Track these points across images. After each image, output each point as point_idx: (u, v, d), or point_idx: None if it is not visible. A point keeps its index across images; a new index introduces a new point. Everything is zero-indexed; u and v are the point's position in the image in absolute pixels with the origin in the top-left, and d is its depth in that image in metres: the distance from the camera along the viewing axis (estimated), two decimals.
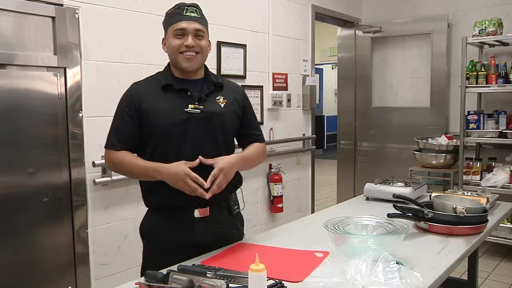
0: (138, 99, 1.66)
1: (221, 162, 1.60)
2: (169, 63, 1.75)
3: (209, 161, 1.61)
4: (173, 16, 1.67)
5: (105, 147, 1.71)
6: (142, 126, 1.66)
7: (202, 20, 1.69)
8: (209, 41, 1.75)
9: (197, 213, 1.67)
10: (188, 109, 1.64)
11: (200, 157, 1.60)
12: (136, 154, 1.70)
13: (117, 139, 1.68)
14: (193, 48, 1.64)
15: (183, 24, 1.63)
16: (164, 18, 1.72)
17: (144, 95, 1.67)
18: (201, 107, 1.66)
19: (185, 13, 1.64)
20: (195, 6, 1.69)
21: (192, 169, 1.56)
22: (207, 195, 1.56)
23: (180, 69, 1.69)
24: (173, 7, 1.69)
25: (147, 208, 1.78)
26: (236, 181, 1.79)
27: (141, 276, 1.62)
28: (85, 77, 2.44)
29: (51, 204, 2.28)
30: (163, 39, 1.73)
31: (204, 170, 1.58)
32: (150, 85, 1.71)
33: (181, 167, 1.55)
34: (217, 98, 1.73)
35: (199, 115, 1.65)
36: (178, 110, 1.64)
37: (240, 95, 1.83)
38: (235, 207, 1.80)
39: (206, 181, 1.56)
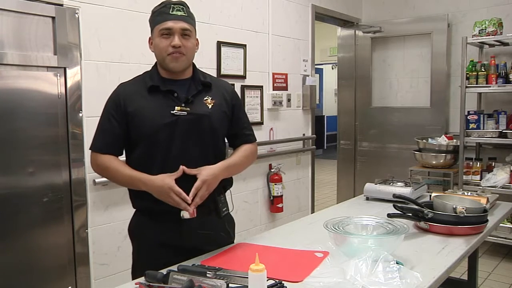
0: (124, 101, 1.63)
1: (205, 173, 1.57)
2: (156, 63, 1.72)
3: (192, 171, 1.58)
4: (159, 15, 1.62)
5: (90, 149, 1.69)
6: (128, 128, 1.64)
7: (189, 18, 1.64)
8: (197, 40, 1.71)
9: (184, 215, 1.61)
10: (174, 111, 1.61)
11: (182, 166, 1.57)
12: (121, 159, 1.68)
13: (103, 142, 1.66)
14: (179, 48, 1.60)
15: (170, 24, 1.59)
16: (150, 16, 1.67)
17: (130, 97, 1.64)
18: (188, 109, 1.63)
19: (171, 11, 1.60)
20: (182, 4, 1.64)
21: (178, 179, 1.54)
22: (190, 210, 1.54)
23: (167, 69, 1.66)
24: (159, 5, 1.64)
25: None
26: (226, 183, 1.75)
27: (132, 277, 1.61)
28: (85, 77, 2.44)
29: (51, 204, 2.27)
30: (149, 38, 1.69)
31: (189, 180, 1.56)
32: (136, 86, 1.68)
33: (166, 180, 1.53)
34: (205, 98, 1.69)
35: (186, 117, 1.62)
36: (165, 112, 1.61)
37: (229, 94, 1.78)
38: (223, 209, 1.75)
39: (189, 191, 1.54)
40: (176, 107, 1.62)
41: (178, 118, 1.62)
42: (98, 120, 1.69)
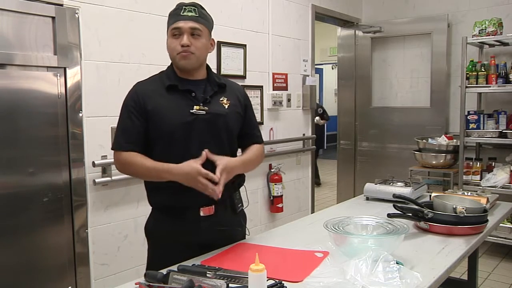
0: (144, 99, 1.66)
1: (224, 161, 1.61)
2: (172, 63, 1.76)
3: (213, 156, 1.61)
4: (172, 17, 1.68)
5: (112, 149, 1.70)
6: (148, 126, 1.66)
7: (200, 18, 1.67)
8: (213, 40, 1.75)
9: (202, 212, 1.67)
10: (194, 110, 1.65)
11: (206, 150, 1.61)
12: (143, 155, 1.69)
13: (124, 140, 1.67)
14: (188, 47, 1.63)
15: (180, 24, 1.64)
16: (167, 19, 1.72)
17: (149, 95, 1.67)
18: (206, 108, 1.67)
19: (183, 12, 1.65)
20: (194, 5, 1.68)
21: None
22: (217, 191, 1.55)
23: (178, 68, 1.70)
24: (174, 8, 1.70)
25: (151, 207, 1.78)
26: (240, 179, 1.80)
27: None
28: (85, 77, 2.44)
29: (51, 204, 2.27)
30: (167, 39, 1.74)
31: (209, 168, 1.59)
32: (154, 85, 1.71)
33: (192, 165, 1.56)
34: (221, 99, 1.74)
35: (204, 117, 1.66)
36: (183, 111, 1.65)
37: (242, 95, 1.84)
38: (239, 205, 1.81)
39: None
40: (195, 107, 1.65)
41: (197, 117, 1.65)
42: (118, 120, 1.70)
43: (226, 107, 1.73)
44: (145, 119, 1.66)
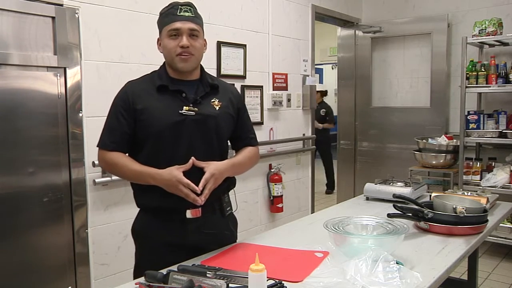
0: (133, 99, 1.64)
1: (213, 167, 1.60)
2: (164, 63, 1.73)
3: (201, 163, 1.60)
4: (167, 16, 1.65)
5: (97, 146, 1.69)
6: (136, 126, 1.65)
7: (196, 19, 1.66)
8: (205, 40, 1.74)
9: (189, 214, 1.65)
10: (183, 111, 1.63)
11: (192, 158, 1.59)
12: (128, 155, 1.69)
13: (109, 138, 1.66)
14: (188, 48, 1.62)
15: (178, 24, 1.62)
16: (158, 18, 1.70)
17: (138, 95, 1.65)
18: (196, 109, 1.64)
19: (179, 12, 1.62)
20: (189, 5, 1.66)
21: (186, 172, 1.56)
22: (200, 201, 1.55)
23: (176, 69, 1.68)
24: (166, 7, 1.67)
25: (138, 209, 1.76)
26: (229, 182, 1.77)
27: (134, 277, 1.61)
28: (85, 77, 2.44)
29: (51, 204, 2.27)
30: (158, 39, 1.71)
31: (197, 173, 1.57)
32: (145, 84, 1.69)
33: (174, 173, 1.54)
34: (212, 100, 1.71)
35: (194, 117, 1.64)
36: (173, 112, 1.63)
37: (235, 97, 1.81)
38: (227, 209, 1.78)
39: (197, 184, 1.55)
40: (184, 107, 1.63)
41: (186, 118, 1.63)
42: (106, 117, 1.70)
43: (217, 108, 1.70)
44: (133, 119, 1.64)
